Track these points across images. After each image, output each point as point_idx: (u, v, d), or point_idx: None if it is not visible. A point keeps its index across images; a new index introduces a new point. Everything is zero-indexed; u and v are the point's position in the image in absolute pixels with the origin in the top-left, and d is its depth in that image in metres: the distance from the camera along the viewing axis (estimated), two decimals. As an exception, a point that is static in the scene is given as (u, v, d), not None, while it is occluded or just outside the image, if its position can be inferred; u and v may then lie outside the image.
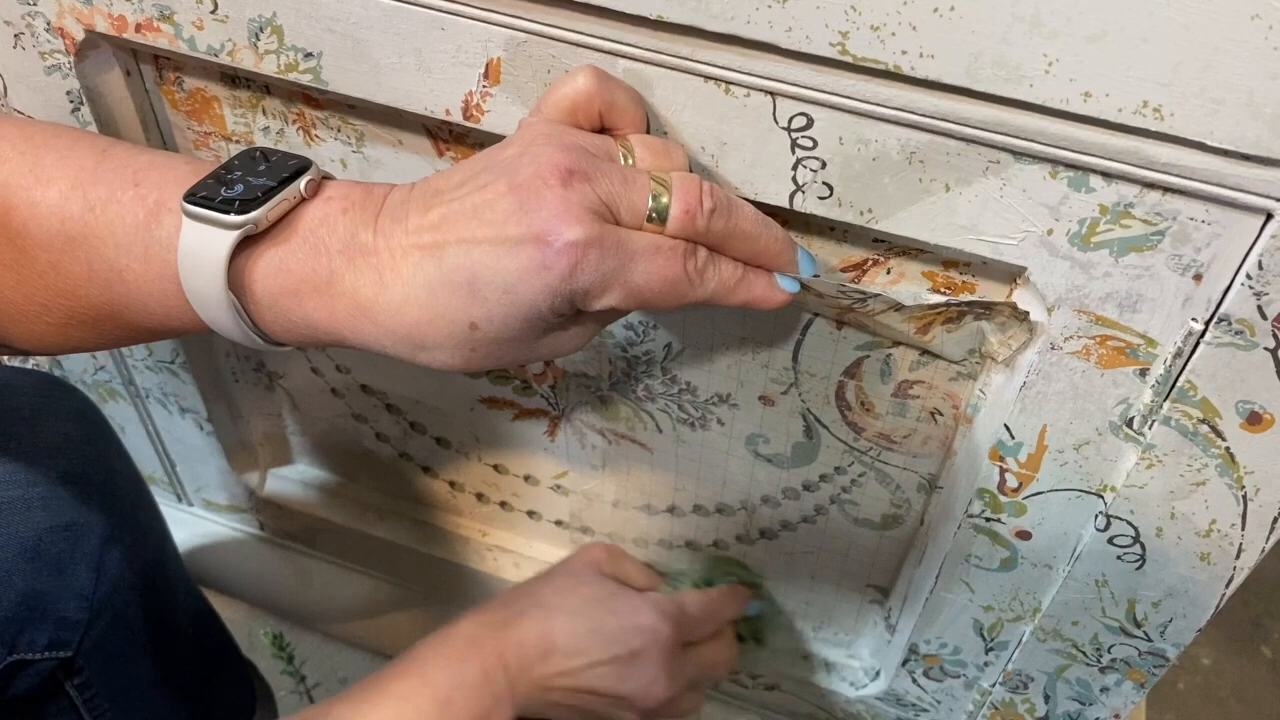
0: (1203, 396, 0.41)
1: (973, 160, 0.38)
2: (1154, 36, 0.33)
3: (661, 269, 0.37)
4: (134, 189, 0.38)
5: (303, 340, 0.39)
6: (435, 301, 0.35)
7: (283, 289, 0.37)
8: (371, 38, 0.44)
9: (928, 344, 0.47)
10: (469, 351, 0.37)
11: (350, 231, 0.37)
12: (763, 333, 0.51)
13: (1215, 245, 0.37)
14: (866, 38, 0.36)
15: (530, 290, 0.35)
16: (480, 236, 0.35)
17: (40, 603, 0.52)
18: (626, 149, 0.39)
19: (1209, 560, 0.47)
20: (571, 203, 0.35)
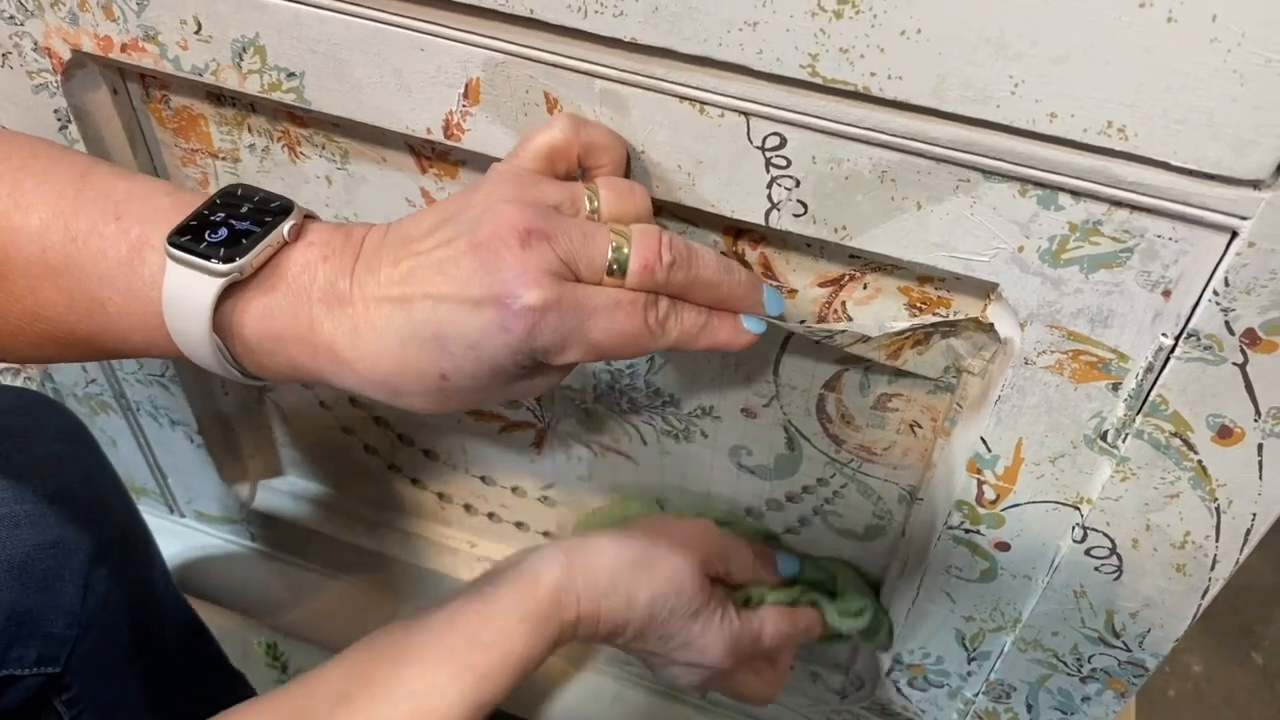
0: (1174, 410, 0.42)
1: (943, 179, 0.39)
2: (1116, 59, 0.33)
3: (621, 324, 0.38)
4: (115, 222, 0.39)
5: (285, 378, 0.40)
6: (406, 353, 0.37)
7: (266, 334, 0.38)
8: (353, 58, 0.44)
9: (902, 365, 0.48)
10: (442, 398, 0.38)
11: (329, 280, 0.38)
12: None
13: (1183, 262, 0.38)
14: (836, 60, 0.36)
15: (492, 348, 0.36)
16: (445, 294, 0.36)
17: (28, 620, 0.53)
18: (592, 192, 0.40)
19: (1185, 571, 0.47)
20: (529, 264, 0.36)
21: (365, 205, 0.54)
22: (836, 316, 0.48)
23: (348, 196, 0.54)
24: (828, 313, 0.48)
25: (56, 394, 0.72)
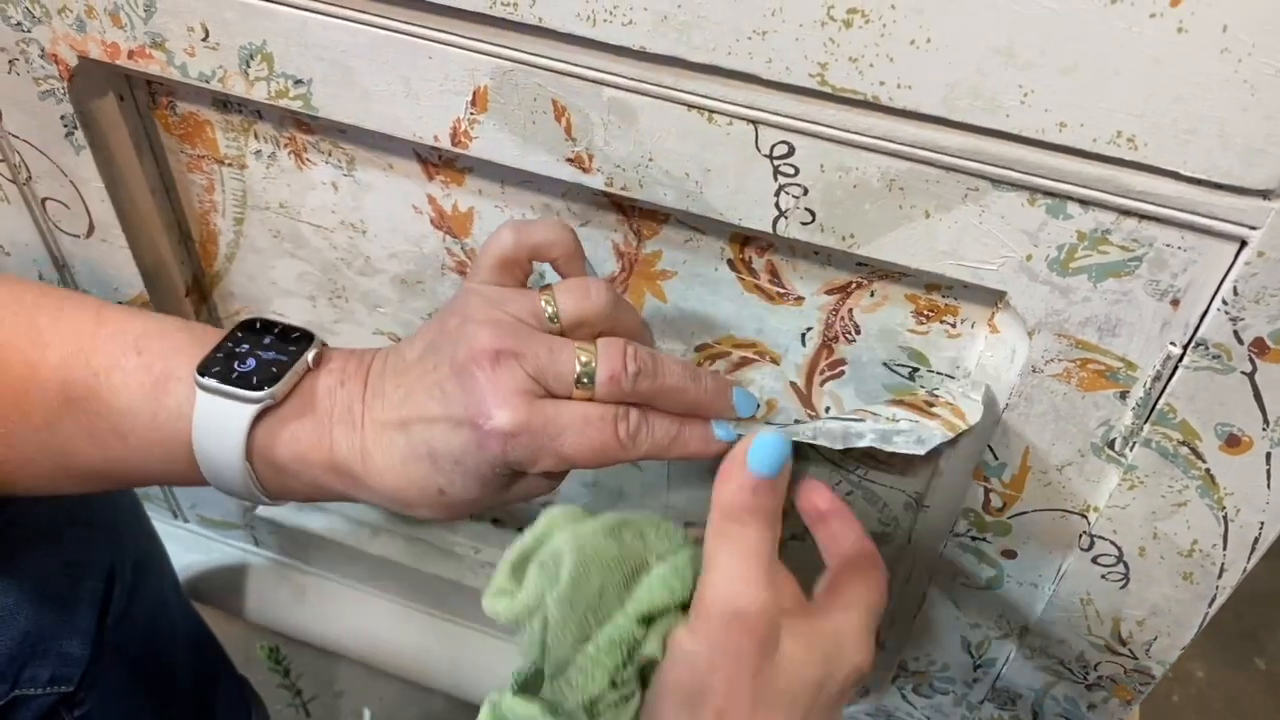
0: (1182, 419, 0.42)
1: (952, 188, 0.39)
2: (1126, 69, 0.33)
3: (591, 439, 0.40)
4: (137, 356, 0.41)
5: (306, 498, 0.43)
6: (408, 470, 0.40)
7: (294, 456, 0.41)
8: (360, 65, 0.44)
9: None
10: (445, 509, 0.41)
11: (346, 405, 0.41)
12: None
13: (1191, 271, 0.38)
14: (845, 69, 0.36)
15: (475, 462, 0.40)
16: (434, 415, 0.40)
17: (43, 640, 0.53)
18: (549, 299, 0.42)
19: (1192, 579, 0.47)
20: (500, 384, 0.39)
21: (371, 212, 0.54)
22: (844, 324, 0.48)
23: (354, 203, 0.54)
24: (835, 320, 0.48)
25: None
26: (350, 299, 0.59)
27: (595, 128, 0.42)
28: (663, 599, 0.39)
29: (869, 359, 0.49)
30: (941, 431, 0.44)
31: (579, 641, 0.39)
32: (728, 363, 0.48)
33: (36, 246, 0.60)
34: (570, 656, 0.39)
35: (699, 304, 0.49)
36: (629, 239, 0.49)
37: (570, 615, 0.39)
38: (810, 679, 0.38)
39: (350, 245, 0.56)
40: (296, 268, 0.59)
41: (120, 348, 0.41)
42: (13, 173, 0.56)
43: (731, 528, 0.39)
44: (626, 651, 0.39)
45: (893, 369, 0.49)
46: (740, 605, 0.37)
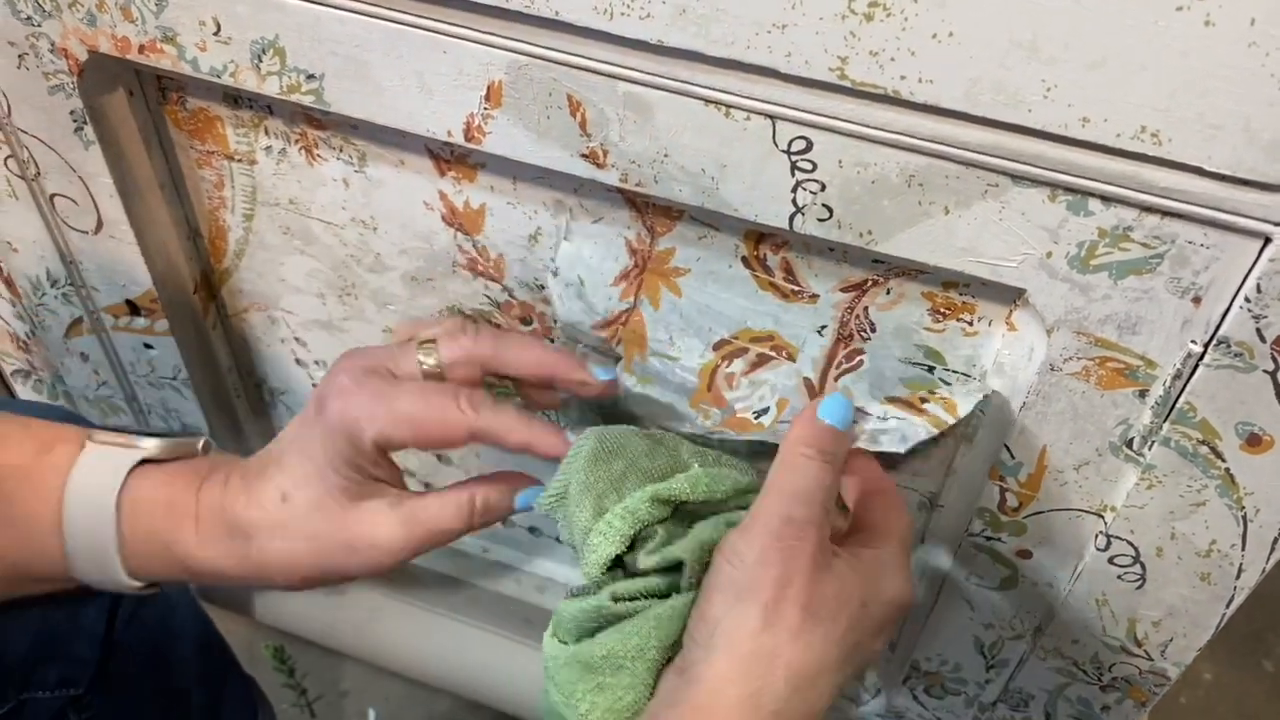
0: (1202, 418, 0.41)
1: (972, 183, 0.38)
2: (1152, 63, 0.33)
3: (430, 403, 0.44)
4: (24, 429, 0.46)
5: (165, 567, 0.46)
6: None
7: (166, 500, 0.45)
8: (373, 60, 0.44)
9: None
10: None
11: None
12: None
13: (1214, 268, 0.37)
14: (865, 63, 0.36)
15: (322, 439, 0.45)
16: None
17: (52, 643, 0.52)
18: (429, 349, 0.47)
19: (1209, 580, 0.47)
20: (340, 369, 0.46)
21: (382, 209, 0.54)
22: (859, 322, 0.48)
23: (365, 200, 0.53)
24: (850, 318, 0.48)
25: (68, 397, 0.72)
26: (360, 296, 0.59)
27: (610, 123, 0.42)
28: (683, 491, 0.40)
29: (885, 354, 0.49)
30: (926, 428, 0.43)
31: (596, 515, 0.39)
32: (745, 361, 0.48)
33: (44, 243, 0.60)
34: (589, 527, 0.39)
35: (714, 299, 0.48)
36: (642, 236, 0.49)
37: (588, 489, 0.40)
38: (855, 597, 0.38)
39: (360, 242, 0.56)
40: (306, 264, 0.59)
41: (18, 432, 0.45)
42: (21, 168, 0.56)
43: (796, 458, 0.40)
44: (639, 522, 0.40)
45: (909, 363, 0.49)
46: (796, 515, 0.38)
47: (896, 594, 0.40)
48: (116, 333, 0.64)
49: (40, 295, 0.64)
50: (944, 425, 0.43)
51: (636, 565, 0.40)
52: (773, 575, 0.37)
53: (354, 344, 0.62)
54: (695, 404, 0.46)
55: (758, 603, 0.37)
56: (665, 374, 0.46)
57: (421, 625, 0.80)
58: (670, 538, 0.40)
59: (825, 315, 0.48)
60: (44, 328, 0.66)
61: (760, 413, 0.45)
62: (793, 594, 0.37)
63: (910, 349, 0.48)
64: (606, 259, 0.50)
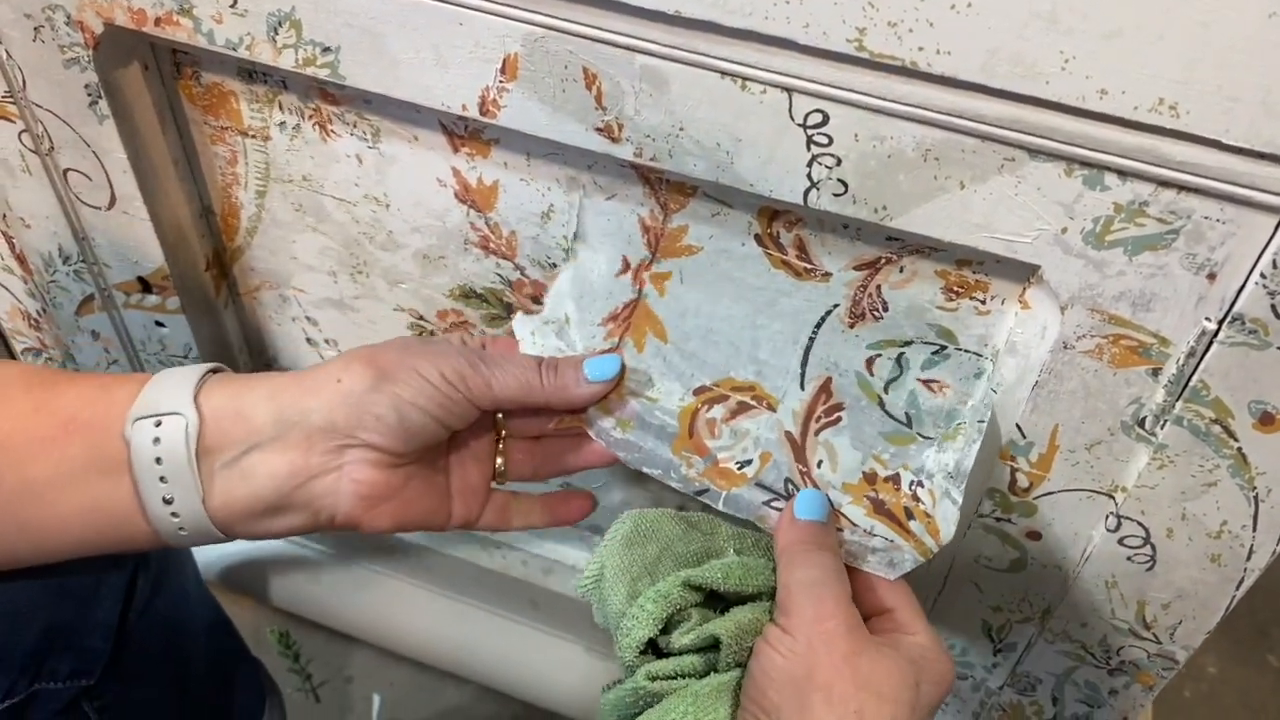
0: (1215, 396, 0.41)
1: (988, 157, 0.38)
2: (1171, 34, 0.33)
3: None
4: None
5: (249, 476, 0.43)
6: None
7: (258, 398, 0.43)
8: (389, 32, 0.44)
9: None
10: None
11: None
12: (774, 330, 0.51)
13: (1230, 244, 0.37)
14: (884, 34, 0.36)
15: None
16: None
17: (64, 634, 0.52)
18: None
19: (1220, 562, 0.47)
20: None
21: (395, 185, 0.54)
22: (871, 300, 0.48)
23: (378, 176, 0.54)
24: (862, 297, 0.48)
25: (77, 375, 0.72)
26: (371, 274, 0.59)
27: (626, 96, 0.42)
28: (715, 579, 0.41)
29: (866, 405, 0.49)
30: (913, 557, 0.44)
31: (630, 599, 0.40)
32: (725, 408, 0.48)
33: (57, 218, 0.60)
34: (623, 611, 0.40)
35: (700, 344, 0.48)
36: (655, 212, 0.49)
37: (623, 573, 0.41)
38: (909, 678, 0.40)
39: (373, 219, 0.56)
40: (318, 242, 0.59)
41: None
42: (35, 143, 0.56)
43: (800, 555, 0.42)
44: (671, 606, 0.41)
45: (891, 415, 0.48)
46: (827, 602, 0.40)
47: (944, 674, 0.42)
48: (128, 310, 0.64)
49: (52, 272, 0.64)
50: (929, 554, 0.45)
51: (671, 646, 0.42)
52: (824, 662, 0.39)
53: (365, 323, 0.62)
54: (677, 450, 0.46)
55: (816, 687, 0.38)
56: (645, 416, 0.46)
57: (426, 607, 0.80)
58: (704, 620, 0.42)
59: (837, 294, 0.48)
60: (55, 305, 0.66)
61: (744, 464, 0.46)
62: (845, 673, 0.38)
63: (922, 328, 0.48)
64: (619, 237, 0.50)
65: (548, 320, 0.49)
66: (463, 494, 0.47)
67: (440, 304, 0.59)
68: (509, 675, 0.79)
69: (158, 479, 0.40)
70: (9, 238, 0.63)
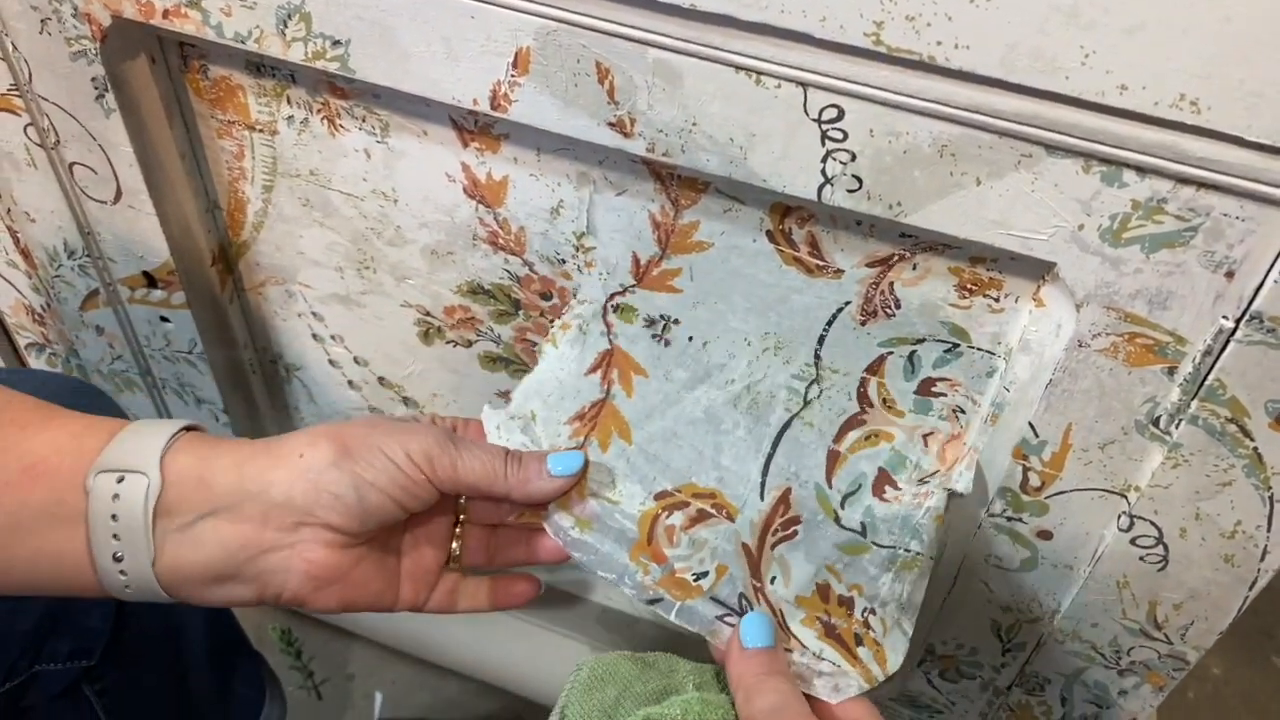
0: (1232, 395, 0.41)
1: (1005, 154, 0.38)
2: (1193, 28, 0.32)
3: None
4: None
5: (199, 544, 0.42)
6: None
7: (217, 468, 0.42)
8: (400, 25, 0.44)
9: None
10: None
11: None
12: (786, 328, 0.51)
13: (1249, 242, 0.37)
14: (901, 28, 0.36)
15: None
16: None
17: (64, 615, 0.52)
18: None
19: (1233, 562, 0.47)
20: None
21: (403, 180, 0.53)
22: (883, 298, 0.47)
23: (386, 171, 0.53)
24: (874, 294, 0.47)
25: (81, 370, 0.72)
26: (379, 270, 0.59)
27: (639, 90, 0.42)
28: (675, 715, 0.41)
29: (822, 520, 0.48)
30: (859, 683, 0.44)
31: None
32: (685, 515, 0.47)
33: (62, 213, 0.60)
34: None
35: (663, 447, 0.48)
36: (666, 208, 0.49)
37: (585, 718, 0.40)
38: None
39: (380, 214, 0.56)
40: (325, 237, 0.58)
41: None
42: (41, 136, 0.56)
43: (755, 683, 0.41)
44: None
45: (845, 528, 0.48)
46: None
47: None
48: (133, 305, 0.64)
49: (57, 267, 0.64)
50: (874, 682, 0.45)
51: None
52: None
53: (372, 319, 0.62)
54: (635, 557, 0.45)
55: None
56: (605, 518, 0.46)
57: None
58: None
59: (849, 291, 0.48)
60: (60, 300, 0.66)
61: (700, 575, 0.46)
62: None
63: (935, 325, 0.48)
64: (630, 232, 0.50)
65: (514, 415, 0.49)
66: (413, 576, 0.47)
67: (448, 300, 0.58)
68: (510, 672, 0.79)
69: (111, 536, 0.40)
70: (14, 232, 0.62)
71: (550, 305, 0.56)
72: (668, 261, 0.51)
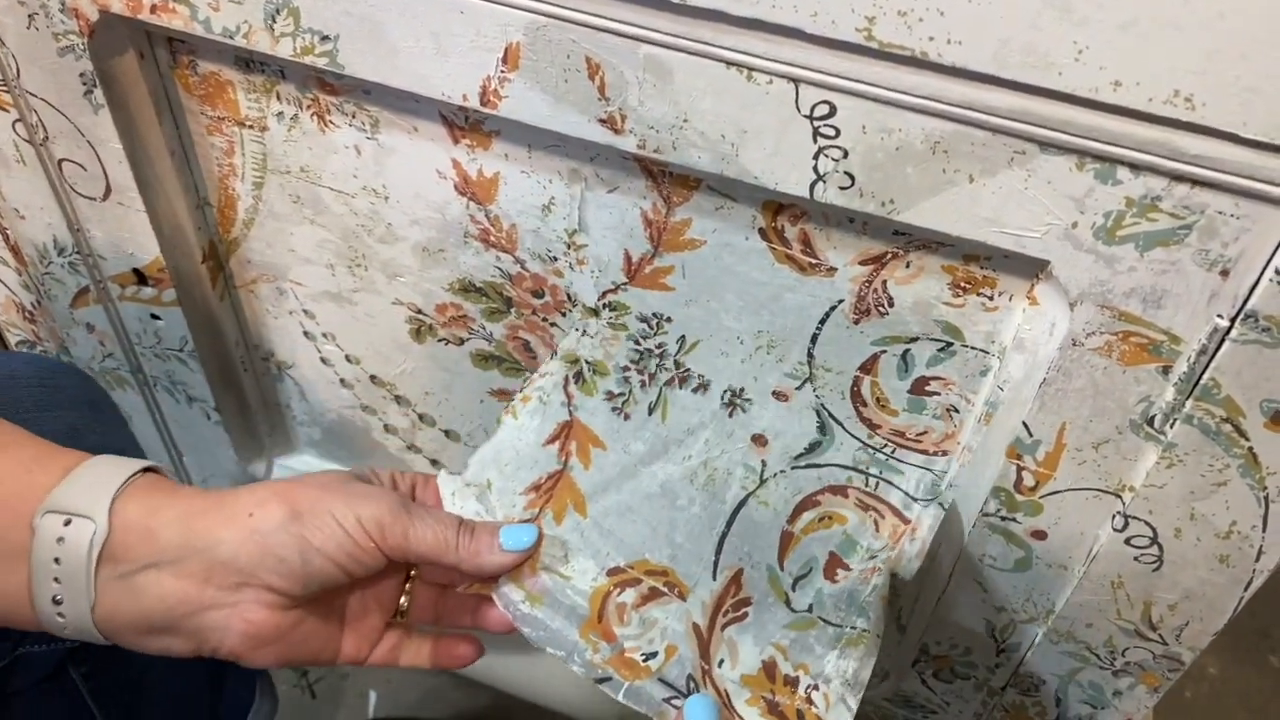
0: (1226, 395, 0.41)
1: (998, 151, 0.38)
2: (1188, 24, 0.32)
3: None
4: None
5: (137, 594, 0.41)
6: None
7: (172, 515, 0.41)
8: (389, 20, 0.43)
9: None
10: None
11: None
12: (779, 326, 0.50)
13: (1244, 240, 0.37)
14: (893, 23, 0.35)
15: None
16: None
17: None
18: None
19: (1228, 562, 0.46)
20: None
21: (394, 177, 0.53)
22: (876, 296, 0.47)
23: (376, 168, 0.53)
24: (867, 292, 0.47)
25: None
26: (370, 267, 0.58)
27: (629, 86, 0.41)
28: None
29: (773, 603, 0.47)
30: None
31: None
32: (637, 593, 0.46)
33: (52, 209, 0.59)
34: None
35: (618, 522, 0.48)
36: (658, 206, 0.48)
37: None
38: None
39: (371, 211, 0.55)
40: (316, 235, 0.58)
41: None
42: (29, 133, 0.55)
43: None
44: None
45: (794, 610, 0.47)
46: None
47: None
48: (123, 302, 0.63)
49: (47, 264, 0.63)
50: None
51: None
52: None
53: (364, 317, 0.62)
54: (585, 634, 0.45)
55: None
56: (556, 593, 0.45)
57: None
58: None
59: (842, 289, 0.47)
60: (50, 297, 0.66)
61: (649, 655, 0.45)
62: None
63: (928, 324, 0.47)
64: (622, 230, 0.50)
65: (469, 483, 0.48)
66: (357, 632, 0.46)
67: (439, 298, 0.58)
68: (504, 671, 0.79)
69: (52, 579, 0.39)
70: (3, 229, 0.62)
71: (542, 303, 0.56)
72: (660, 259, 0.50)
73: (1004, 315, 0.45)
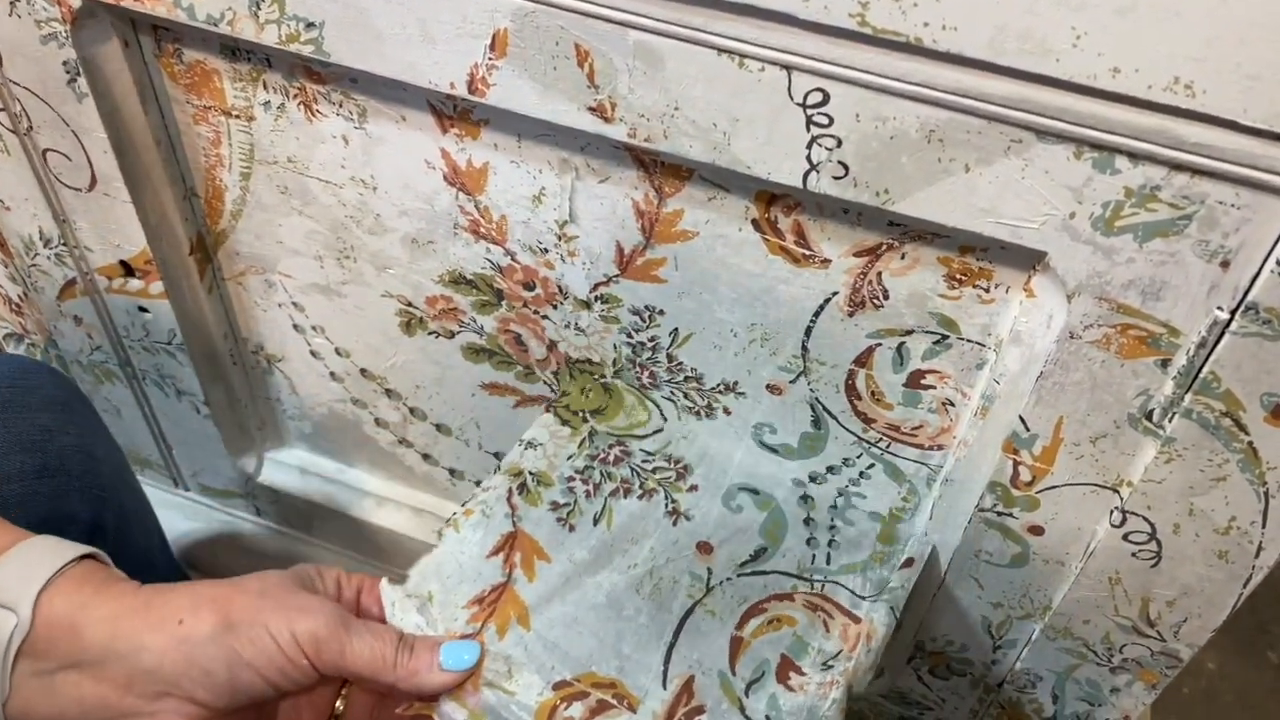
0: (1226, 388, 0.40)
1: (994, 139, 0.37)
2: (1187, 10, 0.31)
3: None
4: None
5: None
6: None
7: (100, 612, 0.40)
8: (374, 6, 0.43)
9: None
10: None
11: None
12: (773, 319, 0.50)
13: (1245, 230, 0.36)
14: (887, 8, 0.34)
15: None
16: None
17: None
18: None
19: (1227, 558, 0.46)
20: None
21: (382, 167, 0.52)
22: (871, 288, 0.46)
23: (365, 158, 0.52)
24: (862, 284, 0.46)
25: (60, 361, 0.71)
26: (359, 259, 0.58)
27: (619, 74, 0.41)
28: None
29: (727, 709, 0.46)
30: None
31: None
32: (585, 706, 0.45)
33: (37, 200, 0.58)
34: None
35: (563, 634, 0.47)
36: (650, 196, 0.47)
37: None
38: None
39: (360, 202, 0.54)
40: (304, 226, 0.57)
41: None
42: (13, 122, 0.55)
43: None
44: None
45: (747, 717, 0.46)
46: None
47: None
48: (110, 295, 0.63)
49: (33, 256, 0.62)
50: None
51: None
52: None
53: (353, 309, 0.61)
54: None
55: None
56: (499, 710, 0.44)
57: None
58: None
59: (837, 281, 0.47)
60: (37, 289, 0.65)
61: None
62: None
63: (924, 316, 0.46)
64: (613, 221, 0.49)
65: (411, 594, 0.47)
66: None
67: (429, 290, 0.57)
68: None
69: None
70: (-12, 220, 0.61)
71: (533, 295, 0.55)
72: (652, 251, 0.50)
73: (1000, 307, 0.45)
